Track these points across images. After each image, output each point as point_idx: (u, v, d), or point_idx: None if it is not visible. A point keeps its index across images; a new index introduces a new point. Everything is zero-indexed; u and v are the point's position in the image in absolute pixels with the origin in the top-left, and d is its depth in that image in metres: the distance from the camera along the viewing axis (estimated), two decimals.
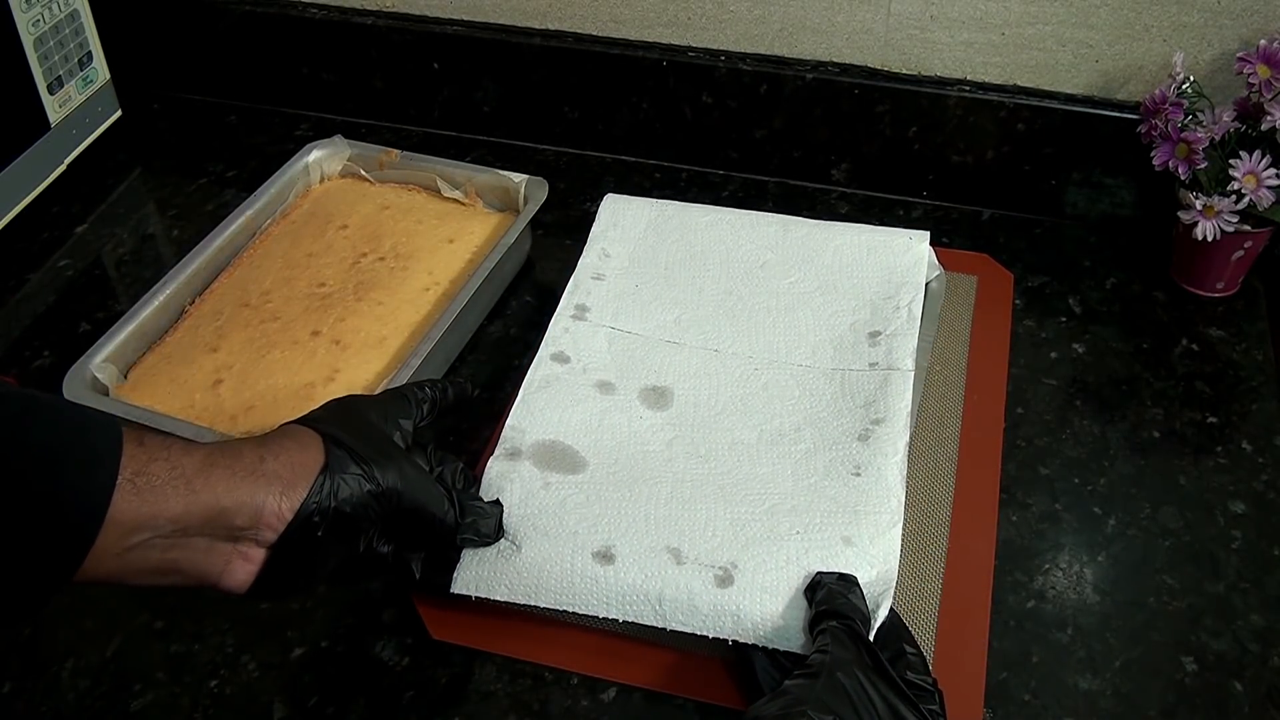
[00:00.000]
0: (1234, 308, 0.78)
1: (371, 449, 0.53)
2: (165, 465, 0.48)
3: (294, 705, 0.58)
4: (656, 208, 0.80)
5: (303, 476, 0.51)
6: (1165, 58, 0.78)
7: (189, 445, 0.50)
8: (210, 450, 0.50)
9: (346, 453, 0.52)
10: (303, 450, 0.52)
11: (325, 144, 0.87)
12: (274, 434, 0.53)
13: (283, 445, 0.52)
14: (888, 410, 0.65)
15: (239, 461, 0.50)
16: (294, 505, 0.50)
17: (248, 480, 0.49)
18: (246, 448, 0.51)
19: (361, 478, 0.52)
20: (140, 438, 0.48)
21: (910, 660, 0.53)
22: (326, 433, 0.53)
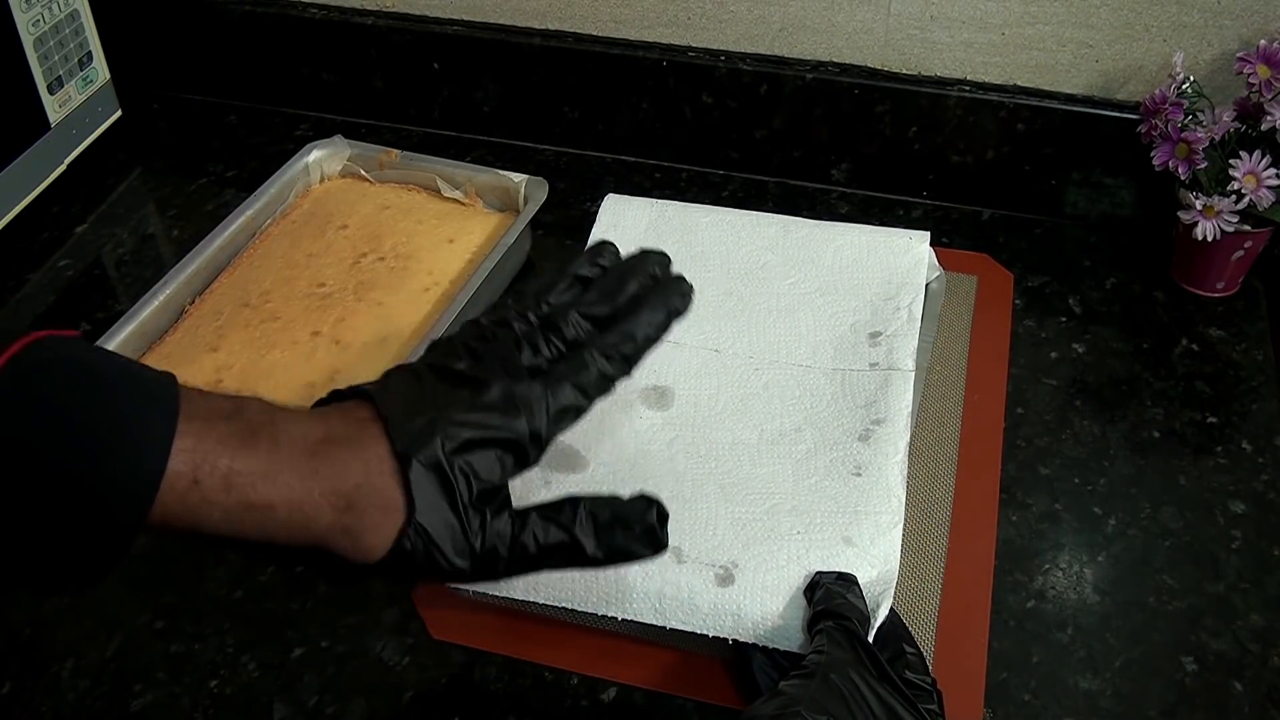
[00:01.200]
0: (1234, 308, 0.79)
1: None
2: (222, 471, 0.44)
3: (294, 705, 0.58)
4: (657, 208, 0.80)
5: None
6: (1165, 58, 0.78)
7: (251, 442, 0.44)
8: (273, 454, 0.45)
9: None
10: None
11: (325, 144, 0.87)
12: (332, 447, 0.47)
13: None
14: (888, 410, 0.65)
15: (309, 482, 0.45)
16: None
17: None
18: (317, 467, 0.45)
19: None
20: (195, 429, 0.43)
21: (909, 660, 0.53)
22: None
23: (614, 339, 0.52)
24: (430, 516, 0.46)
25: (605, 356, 0.51)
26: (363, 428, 0.47)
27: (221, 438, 0.44)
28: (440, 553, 0.46)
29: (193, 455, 0.43)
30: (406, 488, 0.45)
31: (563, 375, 0.50)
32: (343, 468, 0.45)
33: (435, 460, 0.46)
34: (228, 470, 0.43)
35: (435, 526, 0.46)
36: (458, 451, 0.46)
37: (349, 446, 0.46)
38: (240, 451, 0.44)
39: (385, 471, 0.46)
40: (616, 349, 0.51)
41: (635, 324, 0.52)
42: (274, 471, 0.44)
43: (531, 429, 0.48)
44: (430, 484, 0.46)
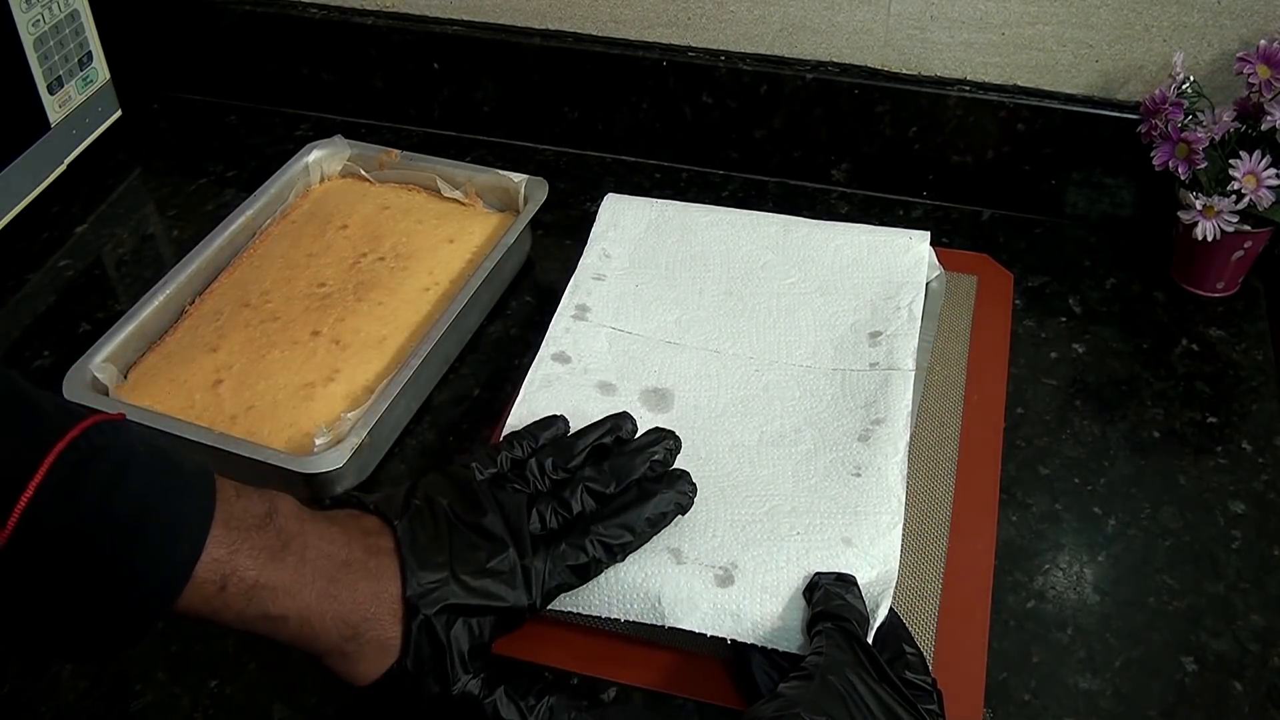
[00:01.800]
0: (1234, 308, 0.79)
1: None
2: (249, 583, 0.48)
3: (294, 705, 0.58)
4: (657, 208, 0.80)
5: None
6: (1165, 58, 0.78)
7: (280, 556, 0.49)
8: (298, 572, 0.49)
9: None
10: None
11: (325, 144, 0.87)
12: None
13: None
14: (888, 410, 0.65)
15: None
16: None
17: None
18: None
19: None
20: (230, 539, 0.47)
21: (909, 660, 0.53)
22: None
23: (613, 531, 0.56)
24: (418, 665, 0.50)
25: (602, 544, 0.55)
26: (382, 561, 0.51)
27: (253, 551, 0.48)
28: (419, 693, 0.51)
29: (223, 566, 0.47)
30: (405, 631, 0.50)
31: (562, 556, 0.54)
32: (358, 598, 0.50)
33: (439, 615, 0.51)
34: (254, 583, 0.48)
35: (421, 674, 0.51)
36: (460, 612, 0.51)
37: (367, 578, 0.50)
38: (269, 566, 0.48)
39: (393, 613, 0.50)
40: (613, 540, 0.56)
41: (635, 518, 0.57)
42: (296, 589, 0.49)
43: (528, 602, 0.53)
44: (427, 636, 0.50)
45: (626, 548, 0.56)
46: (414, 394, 0.73)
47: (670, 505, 0.58)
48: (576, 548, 0.55)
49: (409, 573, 0.51)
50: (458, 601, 0.51)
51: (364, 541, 0.52)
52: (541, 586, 0.54)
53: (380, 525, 0.53)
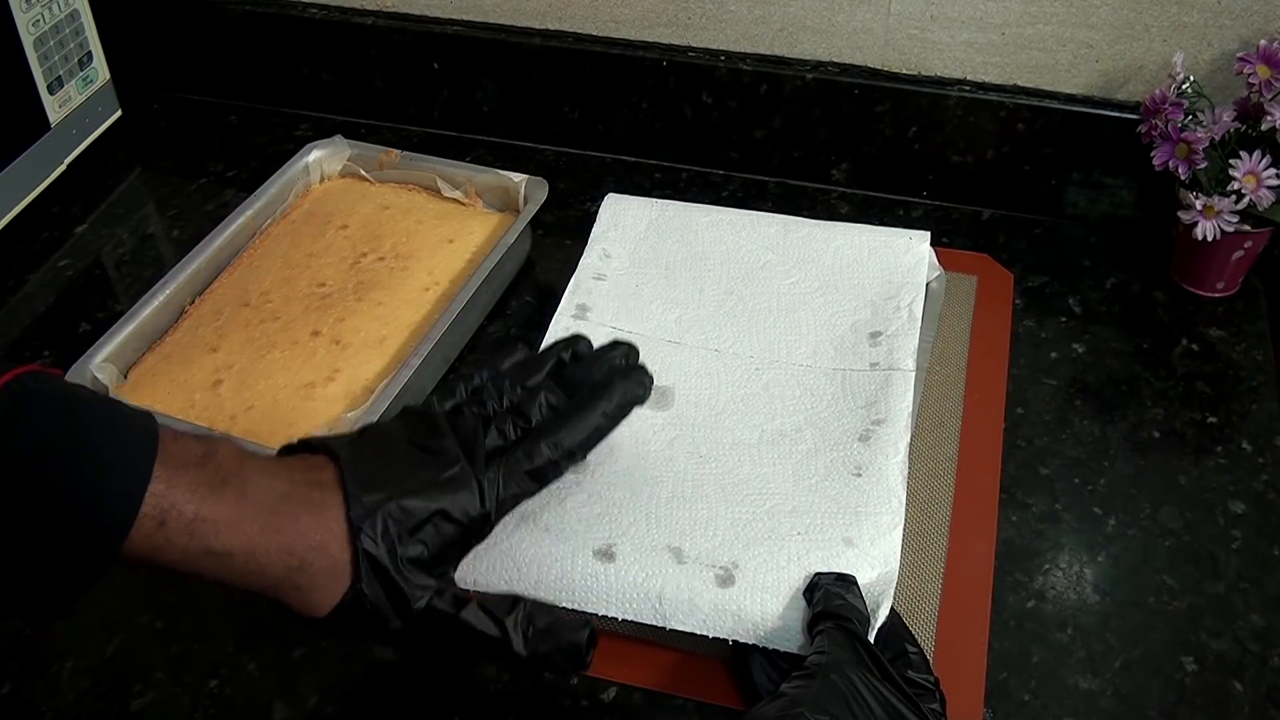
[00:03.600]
0: (1234, 308, 0.79)
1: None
2: (189, 518, 0.46)
3: (294, 705, 0.58)
4: (657, 208, 0.80)
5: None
6: (1165, 58, 0.78)
7: (219, 491, 0.47)
8: (239, 504, 0.48)
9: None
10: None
11: (325, 144, 0.87)
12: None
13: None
14: (889, 411, 0.65)
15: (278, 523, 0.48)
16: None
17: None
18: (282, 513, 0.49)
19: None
20: (167, 474, 0.46)
21: (911, 659, 0.53)
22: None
23: (568, 432, 0.55)
24: (373, 586, 0.49)
25: (558, 447, 0.54)
26: (324, 491, 0.50)
27: (192, 485, 0.47)
28: (378, 617, 0.50)
29: (162, 500, 0.46)
30: (355, 557, 0.49)
31: (517, 463, 0.54)
32: (301, 528, 0.48)
33: (385, 534, 0.49)
34: (194, 517, 0.46)
35: (375, 594, 0.49)
36: (407, 528, 0.50)
37: (309, 508, 0.49)
38: (208, 500, 0.47)
39: (338, 538, 0.49)
40: (569, 441, 0.55)
41: (589, 417, 0.56)
42: (237, 522, 0.47)
43: (481, 512, 0.52)
44: (377, 555, 0.49)
45: (585, 445, 0.55)
46: (414, 394, 0.72)
47: (627, 395, 0.57)
48: (531, 452, 0.54)
49: (351, 498, 0.49)
50: (404, 518, 0.50)
51: (306, 475, 0.51)
52: (496, 495, 0.52)
53: (325, 460, 0.52)
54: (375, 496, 0.50)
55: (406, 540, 0.50)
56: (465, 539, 0.53)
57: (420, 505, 0.50)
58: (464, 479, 0.52)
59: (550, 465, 0.54)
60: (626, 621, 0.57)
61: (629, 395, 0.57)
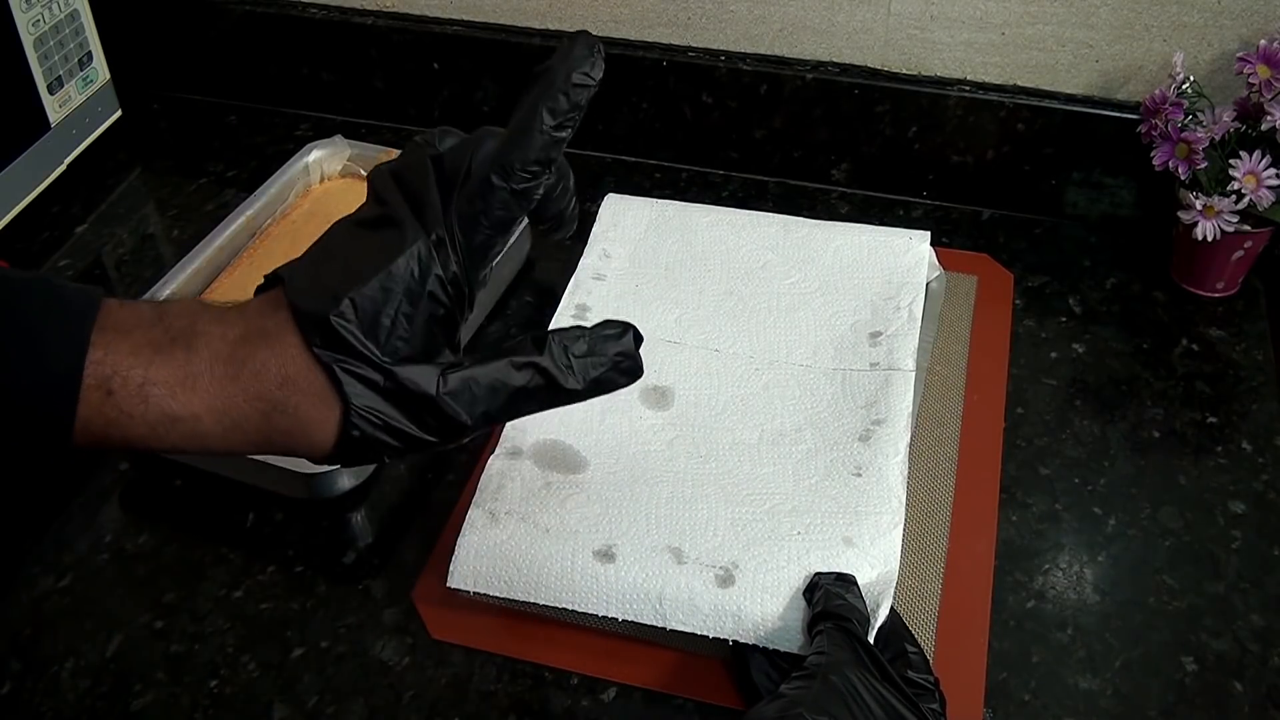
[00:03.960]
0: (1234, 308, 0.79)
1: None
2: (137, 381, 0.41)
3: (294, 705, 0.58)
4: (657, 208, 0.80)
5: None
6: (1165, 58, 0.78)
7: (167, 350, 0.42)
8: (189, 360, 0.42)
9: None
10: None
11: (325, 144, 0.87)
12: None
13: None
14: (889, 410, 0.65)
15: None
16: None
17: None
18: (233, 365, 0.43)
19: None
20: (106, 340, 0.42)
21: (911, 659, 0.53)
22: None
23: (514, 144, 0.47)
24: (366, 398, 0.43)
25: (502, 163, 0.47)
26: (278, 318, 0.44)
27: (135, 347, 0.42)
28: (397, 427, 0.44)
29: (101, 366, 0.41)
30: (332, 377, 0.43)
31: (469, 210, 0.45)
32: (261, 367, 0.43)
33: (348, 343, 0.43)
34: (142, 380, 0.42)
35: (377, 406, 0.43)
36: (369, 322, 0.43)
37: (266, 343, 0.43)
38: (155, 360, 0.42)
39: (306, 364, 0.43)
40: (518, 154, 0.47)
41: (536, 117, 0.49)
42: (192, 379, 0.42)
43: (449, 274, 0.44)
44: (350, 366, 0.43)
45: (535, 153, 0.48)
46: None
47: (573, 79, 0.50)
48: (485, 191, 0.45)
49: (300, 316, 0.43)
50: (362, 311, 0.43)
51: (257, 309, 0.44)
52: (459, 250, 0.45)
53: (276, 289, 0.45)
54: (320, 301, 0.43)
55: (380, 336, 0.43)
56: (447, 309, 0.45)
57: (371, 291, 0.43)
58: (417, 241, 0.44)
59: (513, 197, 0.46)
60: (627, 622, 0.57)
61: (577, 78, 0.50)
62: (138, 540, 0.66)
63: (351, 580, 0.64)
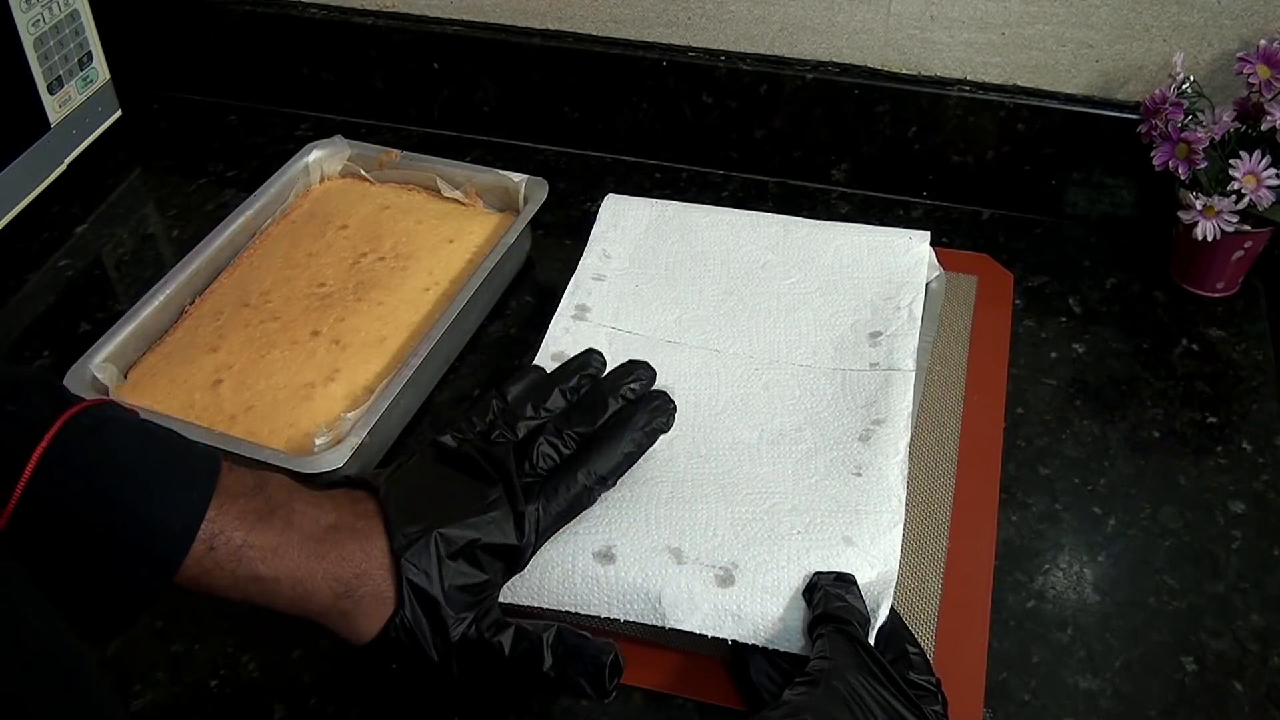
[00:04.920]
0: (1234, 308, 0.79)
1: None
2: (236, 544, 0.49)
3: (294, 705, 0.58)
4: (657, 208, 0.80)
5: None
6: (1165, 58, 0.78)
7: (267, 519, 0.50)
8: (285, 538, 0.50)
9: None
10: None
11: (325, 144, 0.87)
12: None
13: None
14: (889, 410, 0.65)
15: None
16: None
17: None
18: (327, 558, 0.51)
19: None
20: (218, 502, 0.49)
21: (912, 660, 0.53)
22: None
23: (601, 460, 0.58)
24: (415, 612, 0.51)
25: (591, 474, 0.57)
26: (369, 523, 0.52)
27: (241, 513, 0.49)
28: (422, 644, 0.52)
29: (211, 525, 0.48)
30: (398, 584, 0.51)
31: (555, 491, 0.56)
32: (347, 556, 0.51)
33: (426, 563, 0.51)
34: (241, 544, 0.49)
35: (418, 622, 0.51)
36: (450, 557, 0.52)
37: (354, 537, 0.52)
38: (256, 528, 0.49)
39: (383, 566, 0.51)
40: (602, 468, 0.58)
41: (620, 443, 0.59)
42: (283, 549, 0.50)
43: (523, 541, 0.54)
44: (419, 583, 0.51)
45: (617, 471, 0.59)
46: (414, 394, 0.73)
47: (653, 424, 0.60)
48: (569, 481, 0.56)
49: (392, 527, 0.52)
50: (447, 547, 0.52)
51: (351, 508, 0.53)
52: (536, 526, 0.55)
53: (366, 494, 0.54)
54: (415, 527, 0.52)
55: (448, 569, 0.52)
56: (506, 567, 0.55)
57: (459, 534, 0.52)
58: (501, 507, 0.54)
59: (585, 492, 0.57)
60: (627, 622, 0.57)
61: (655, 424, 0.61)
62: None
63: None
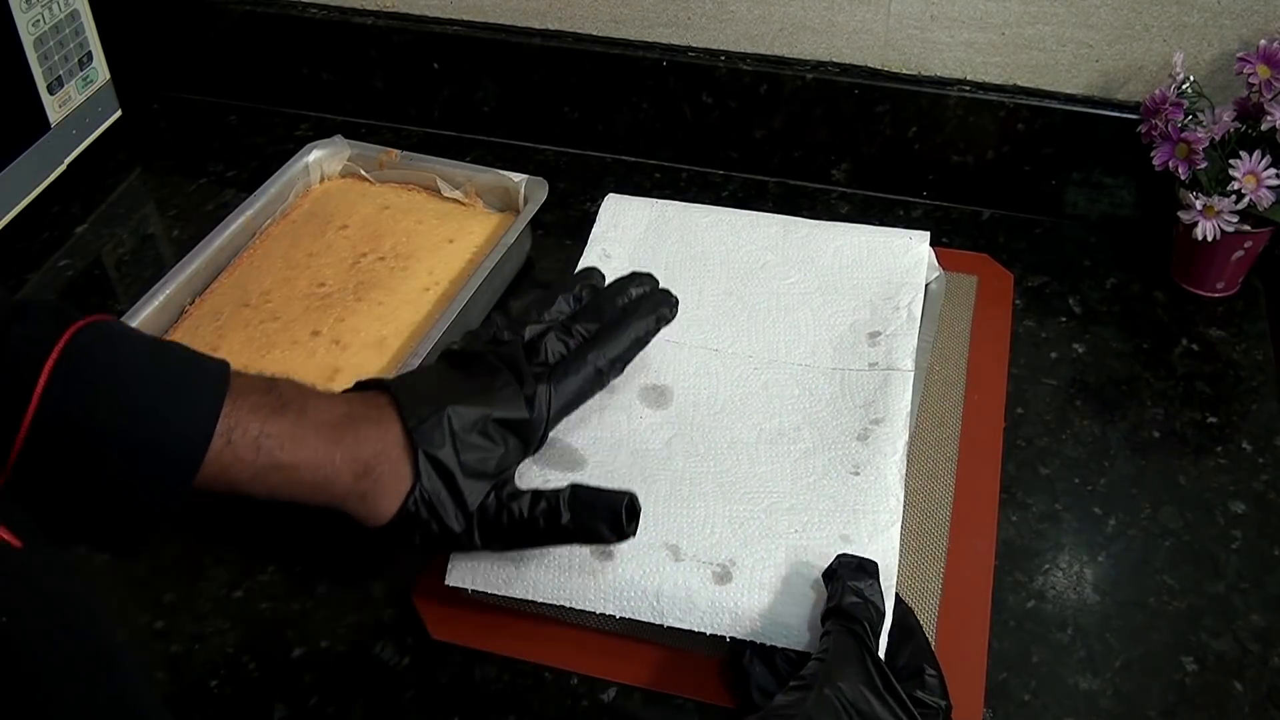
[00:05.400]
0: (1234, 308, 0.79)
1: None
2: (253, 435, 0.50)
3: (294, 705, 0.58)
4: (657, 208, 0.80)
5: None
6: (1165, 58, 0.78)
7: (281, 411, 0.52)
8: (300, 419, 0.52)
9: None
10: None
11: (325, 144, 0.87)
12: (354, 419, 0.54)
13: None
14: (887, 410, 0.65)
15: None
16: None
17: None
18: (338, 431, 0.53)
19: None
20: (232, 398, 0.50)
21: (927, 681, 0.51)
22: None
23: (609, 344, 0.60)
24: (433, 484, 0.53)
25: (602, 356, 0.60)
26: (381, 410, 0.54)
27: (254, 407, 0.51)
28: (440, 515, 0.54)
29: (227, 420, 0.50)
30: (414, 460, 0.53)
31: (565, 373, 0.58)
32: (362, 439, 0.53)
33: (441, 438, 0.54)
34: (259, 434, 0.50)
35: (436, 493, 0.53)
36: (464, 431, 0.54)
37: (369, 422, 0.54)
38: (271, 419, 0.51)
39: (398, 445, 0.53)
40: (613, 351, 0.60)
41: (628, 329, 0.61)
42: (300, 437, 0.52)
43: (534, 416, 0.56)
44: (436, 455, 0.53)
45: (626, 356, 0.61)
46: None
47: (659, 313, 0.63)
48: (579, 364, 0.59)
49: (405, 411, 0.54)
50: (456, 423, 0.54)
51: (362, 401, 0.55)
52: (547, 405, 0.57)
53: (377, 391, 0.56)
54: (428, 408, 0.54)
55: (462, 443, 0.54)
56: (521, 444, 0.57)
57: (470, 411, 0.55)
58: (510, 385, 0.56)
59: (596, 374, 0.59)
60: (625, 620, 0.57)
61: (660, 313, 0.63)
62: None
63: (351, 580, 0.64)
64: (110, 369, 0.48)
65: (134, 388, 0.48)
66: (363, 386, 0.57)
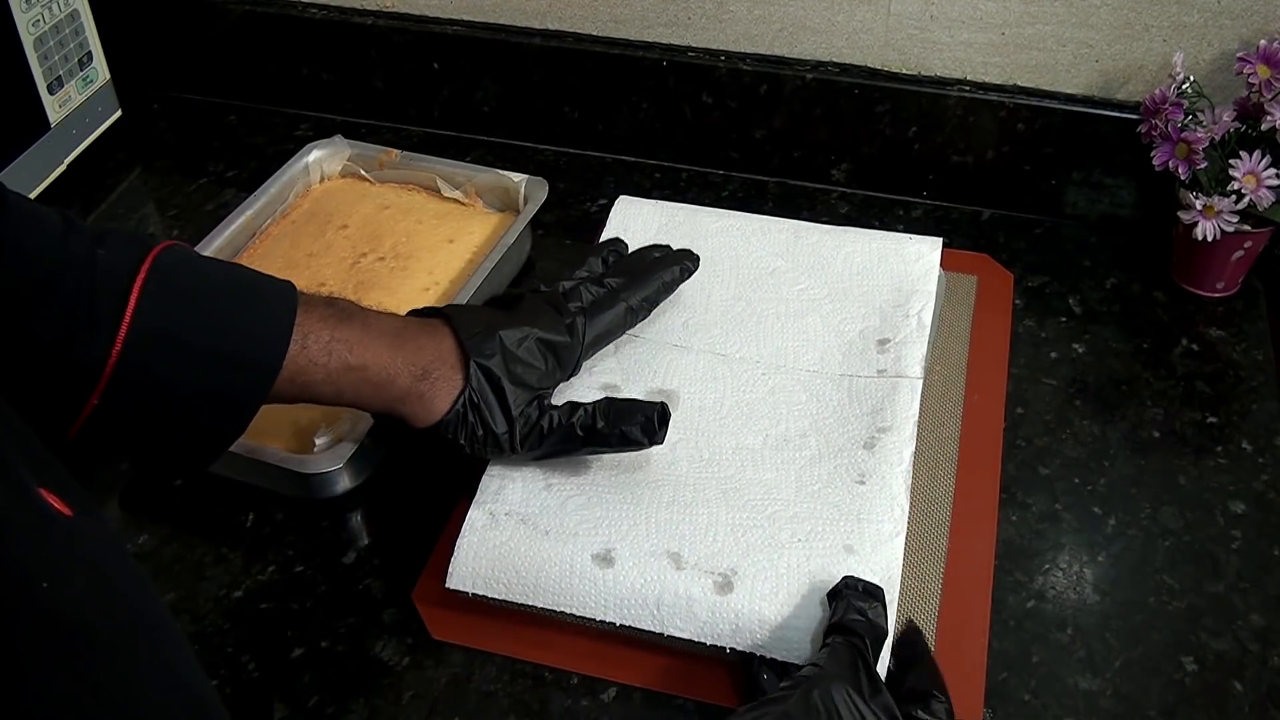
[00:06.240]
0: (1234, 308, 0.79)
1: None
2: (325, 340, 0.56)
3: (294, 705, 0.58)
4: (667, 212, 0.79)
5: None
6: (1165, 58, 0.78)
7: (347, 321, 0.58)
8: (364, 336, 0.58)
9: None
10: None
11: (325, 144, 0.87)
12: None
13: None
14: (895, 418, 0.65)
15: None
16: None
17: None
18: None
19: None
20: (301, 310, 0.56)
21: (933, 706, 0.51)
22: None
23: (639, 287, 0.68)
24: (481, 388, 0.60)
25: (633, 295, 0.67)
26: (435, 327, 0.61)
27: (322, 317, 0.57)
28: (485, 418, 0.60)
29: (301, 328, 0.55)
30: (466, 367, 0.60)
31: (599, 310, 0.66)
32: (421, 346, 0.60)
33: (490, 351, 0.61)
34: (330, 339, 0.56)
35: (484, 395, 0.60)
36: (511, 345, 0.61)
37: (426, 333, 0.60)
38: (339, 326, 0.57)
39: (452, 353, 0.60)
40: (641, 294, 0.68)
41: (655, 275, 0.69)
42: (366, 341, 0.58)
43: (573, 339, 0.64)
44: (485, 364, 0.60)
45: (653, 299, 0.69)
46: None
47: (683, 265, 0.70)
48: (611, 302, 0.67)
49: (459, 328, 0.61)
50: (507, 338, 0.61)
51: (416, 319, 0.62)
52: (582, 334, 0.65)
53: (429, 315, 0.63)
54: (478, 328, 0.61)
55: (509, 355, 0.61)
56: (559, 364, 0.63)
57: (517, 330, 0.62)
58: (552, 313, 0.64)
59: (628, 311, 0.67)
60: (625, 627, 0.57)
61: (683, 264, 0.71)
62: (138, 540, 0.67)
63: (351, 580, 0.64)
64: (191, 286, 0.53)
65: (215, 302, 0.54)
66: (415, 313, 0.64)
